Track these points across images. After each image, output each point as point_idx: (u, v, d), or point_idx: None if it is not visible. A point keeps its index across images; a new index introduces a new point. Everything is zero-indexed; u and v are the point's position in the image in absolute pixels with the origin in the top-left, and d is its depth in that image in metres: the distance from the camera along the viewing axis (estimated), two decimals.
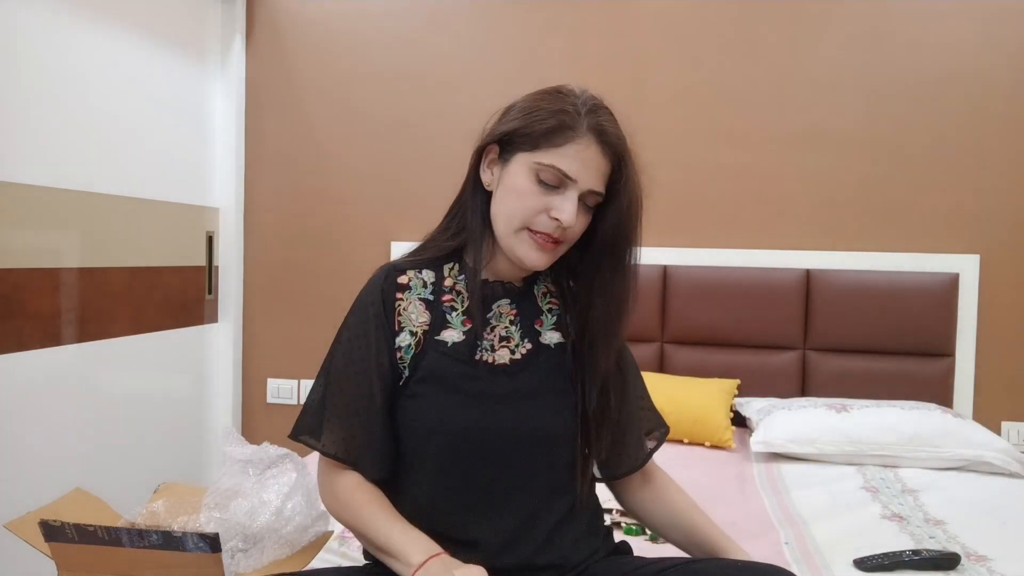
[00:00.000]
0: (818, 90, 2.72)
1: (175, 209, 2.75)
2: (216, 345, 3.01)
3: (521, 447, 1.10)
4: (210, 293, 2.97)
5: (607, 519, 1.32)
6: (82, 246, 2.30)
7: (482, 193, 1.14)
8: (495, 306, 1.15)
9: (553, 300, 1.19)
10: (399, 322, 1.12)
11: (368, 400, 1.11)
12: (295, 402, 3.04)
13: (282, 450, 1.32)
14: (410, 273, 1.15)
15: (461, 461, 1.09)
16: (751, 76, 2.75)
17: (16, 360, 2.07)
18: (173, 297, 2.75)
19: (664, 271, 2.75)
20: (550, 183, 1.06)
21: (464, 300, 1.14)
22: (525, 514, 1.10)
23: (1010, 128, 2.61)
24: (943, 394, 2.58)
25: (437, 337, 1.12)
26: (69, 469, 2.23)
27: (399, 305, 1.13)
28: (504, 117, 1.12)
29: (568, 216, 1.05)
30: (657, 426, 1.25)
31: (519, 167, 1.08)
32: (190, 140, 2.84)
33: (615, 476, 1.22)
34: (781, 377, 2.67)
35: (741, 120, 2.76)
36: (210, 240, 2.95)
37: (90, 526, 1.04)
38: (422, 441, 1.10)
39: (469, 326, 1.13)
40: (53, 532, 1.05)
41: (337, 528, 1.37)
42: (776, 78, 2.74)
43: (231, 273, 3.01)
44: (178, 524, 1.20)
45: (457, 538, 1.08)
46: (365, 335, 1.12)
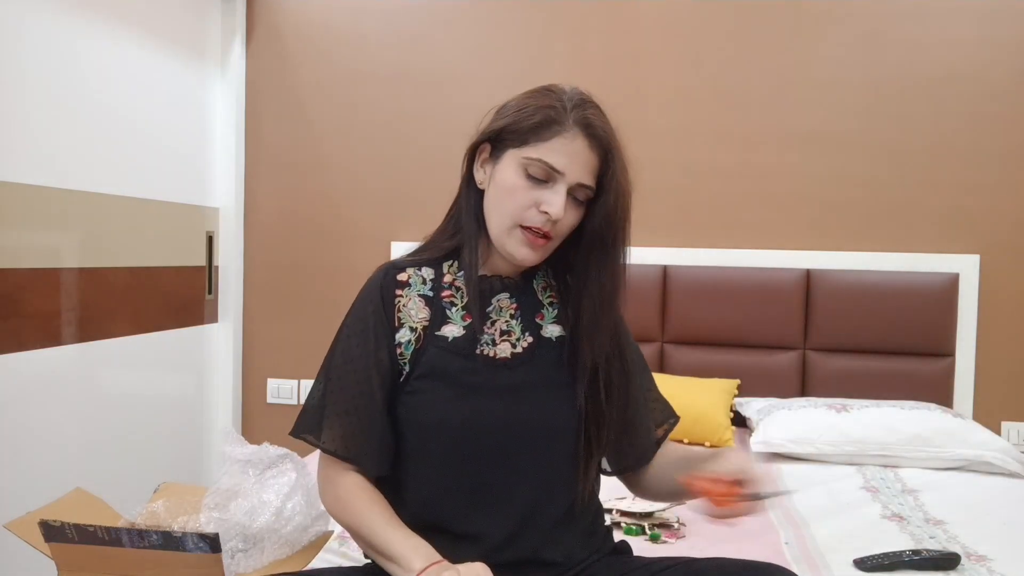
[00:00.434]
0: (818, 90, 2.72)
1: (175, 209, 2.75)
2: (216, 345, 3.01)
3: (521, 441, 1.10)
4: (210, 293, 2.97)
5: (607, 519, 1.32)
6: (82, 246, 2.30)
7: (476, 192, 1.15)
8: (495, 300, 1.15)
9: (553, 294, 1.19)
10: (399, 318, 1.13)
11: (367, 397, 1.11)
12: (295, 402, 3.03)
13: (282, 450, 1.32)
14: (409, 271, 1.16)
15: (462, 455, 1.09)
16: (751, 76, 2.75)
17: (16, 360, 2.06)
18: (173, 297, 2.75)
19: (664, 271, 2.75)
20: (538, 177, 1.07)
21: (463, 296, 1.14)
22: (527, 509, 1.09)
23: (1009, 128, 2.61)
24: (943, 394, 2.58)
25: (437, 333, 1.12)
26: (69, 469, 2.23)
27: (398, 302, 1.14)
28: (496, 116, 1.13)
29: (556, 209, 1.05)
30: (667, 416, 1.26)
31: (508, 163, 1.09)
32: (190, 140, 2.83)
33: (624, 469, 1.22)
34: (781, 377, 2.67)
35: (741, 120, 2.76)
36: (210, 240, 2.95)
37: (90, 526, 1.04)
38: (423, 436, 1.11)
39: (469, 321, 1.13)
40: (53, 532, 1.05)
41: (337, 528, 1.37)
42: (776, 78, 2.74)
43: (231, 273, 3.01)
44: (178, 524, 1.20)
45: (459, 532, 1.08)
46: (364, 332, 1.13)
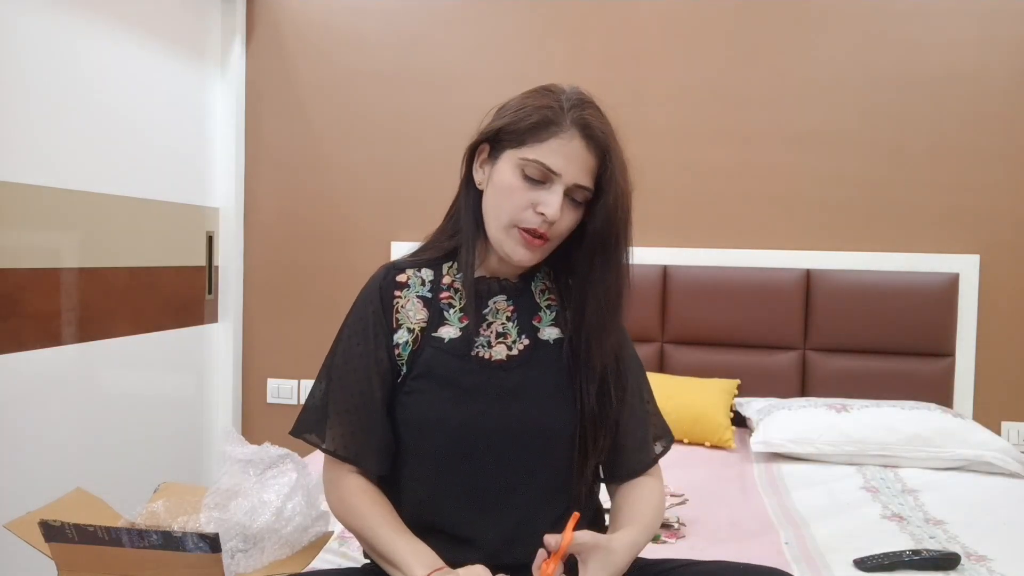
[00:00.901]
0: (818, 90, 2.72)
1: (175, 209, 2.75)
2: (216, 345, 3.01)
3: (518, 444, 1.09)
4: (210, 293, 2.97)
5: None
6: (82, 246, 2.30)
7: (475, 192, 1.14)
8: (491, 302, 1.15)
9: (551, 297, 1.18)
10: (397, 319, 1.13)
11: (367, 397, 1.11)
12: (295, 402, 3.03)
13: (282, 450, 1.32)
14: (409, 272, 1.16)
15: (458, 457, 1.09)
16: (751, 76, 2.75)
17: (16, 360, 2.07)
18: (173, 297, 2.75)
19: (664, 271, 2.75)
20: (535, 178, 1.06)
21: (461, 297, 1.14)
22: (524, 512, 1.09)
23: (1009, 128, 2.61)
24: (943, 394, 2.58)
25: (434, 334, 1.13)
26: (69, 469, 2.23)
27: (397, 303, 1.14)
28: (495, 116, 1.13)
29: (552, 210, 1.05)
30: (662, 434, 1.23)
31: (506, 164, 1.09)
32: (190, 140, 2.83)
33: (613, 479, 1.19)
34: (781, 377, 2.67)
35: (741, 120, 2.76)
36: (210, 240, 2.95)
37: (90, 526, 1.04)
38: (419, 437, 1.11)
39: (466, 323, 1.13)
40: (53, 532, 1.05)
41: (337, 528, 1.37)
42: (776, 78, 2.74)
43: (231, 273, 3.01)
44: (178, 524, 1.19)
45: (457, 535, 1.08)
46: (364, 332, 1.13)
